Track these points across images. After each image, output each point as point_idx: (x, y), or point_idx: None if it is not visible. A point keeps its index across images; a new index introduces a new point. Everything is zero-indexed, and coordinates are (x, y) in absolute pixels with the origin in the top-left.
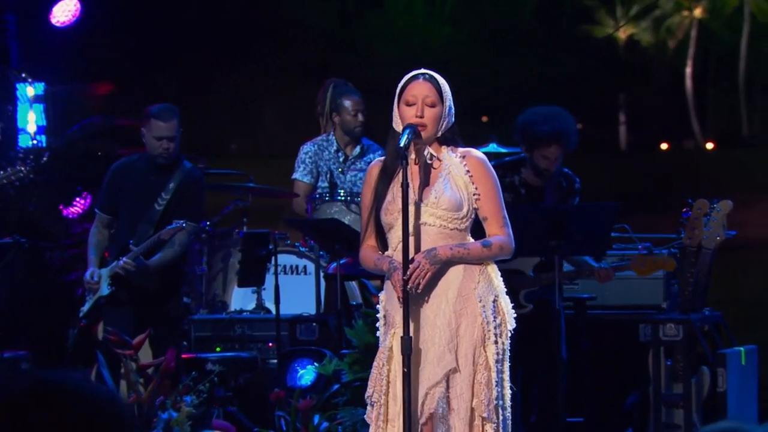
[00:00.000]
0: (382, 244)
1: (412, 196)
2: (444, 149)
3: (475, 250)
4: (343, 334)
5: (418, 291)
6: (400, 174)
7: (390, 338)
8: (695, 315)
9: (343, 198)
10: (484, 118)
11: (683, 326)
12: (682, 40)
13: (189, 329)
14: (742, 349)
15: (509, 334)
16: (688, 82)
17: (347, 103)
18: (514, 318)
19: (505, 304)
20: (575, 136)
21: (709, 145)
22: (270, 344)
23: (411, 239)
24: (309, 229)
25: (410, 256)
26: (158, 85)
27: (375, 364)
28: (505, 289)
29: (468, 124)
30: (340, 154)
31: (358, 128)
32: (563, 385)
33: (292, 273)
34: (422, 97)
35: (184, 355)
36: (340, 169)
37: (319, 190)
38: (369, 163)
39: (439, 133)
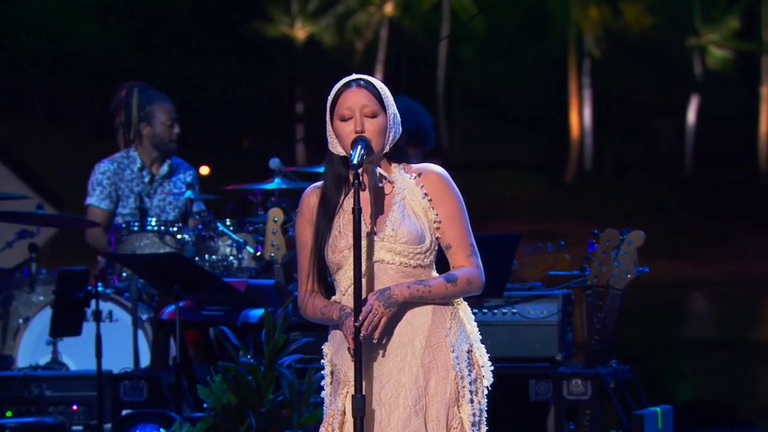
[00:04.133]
0: (326, 288)
1: (364, 228)
2: (395, 168)
3: (437, 287)
4: (193, 393)
5: (374, 340)
6: (345, 203)
7: (342, 399)
8: (604, 369)
9: (155, 227)
10: None
11: (592, 382)
12: (372, 41)
13: None
14: (658, 409)
15: (486, 392)
16: None
17: (161, 111)
18: (491, 371)
19: (481, 355)
20: (431, 132)
21: None
22: (74, 407)
23: (364, 280)
24: (139, 266)
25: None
26: None
27: (322, 431)
28: (480, 337)
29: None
30: (144, 173)
31: (174, 142)
32: None
33: (94, 319)
34: (359, 108)
35: None
36: (146, 192)
37: (123, 218)
38: (178, 184)
39: (387, 148)
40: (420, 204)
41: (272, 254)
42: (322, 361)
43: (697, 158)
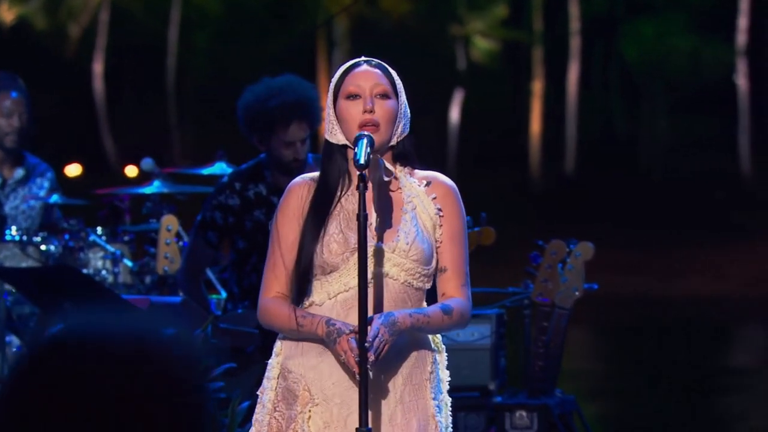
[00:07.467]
0: (299, 293)
1: (370, 238)
2: (399, 170)
3: (435, 318)
4: None
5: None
6: (344, 201)
7: (305, 419)
8: (550, 399)
9: (16, 237)
10: None
11: (538, 414)
12: (90, 26)
13: None
14: None
15: None
16: (98, 83)
17: (3, 102)
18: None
19: (450, 408)
20: (318, 106)
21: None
22: None
23: (368, 292)
24: (23, 280)
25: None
26: None
27: None
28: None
29: None
30: None
31: (10, 135)
32: None
33: None
34: (370, 87)
35: None
36: None
37: None
38: (34, 189)
39: (394, 140)
40: (431, 219)
41: (166, 267)
42: (270, 360)
43: (461, 161)
